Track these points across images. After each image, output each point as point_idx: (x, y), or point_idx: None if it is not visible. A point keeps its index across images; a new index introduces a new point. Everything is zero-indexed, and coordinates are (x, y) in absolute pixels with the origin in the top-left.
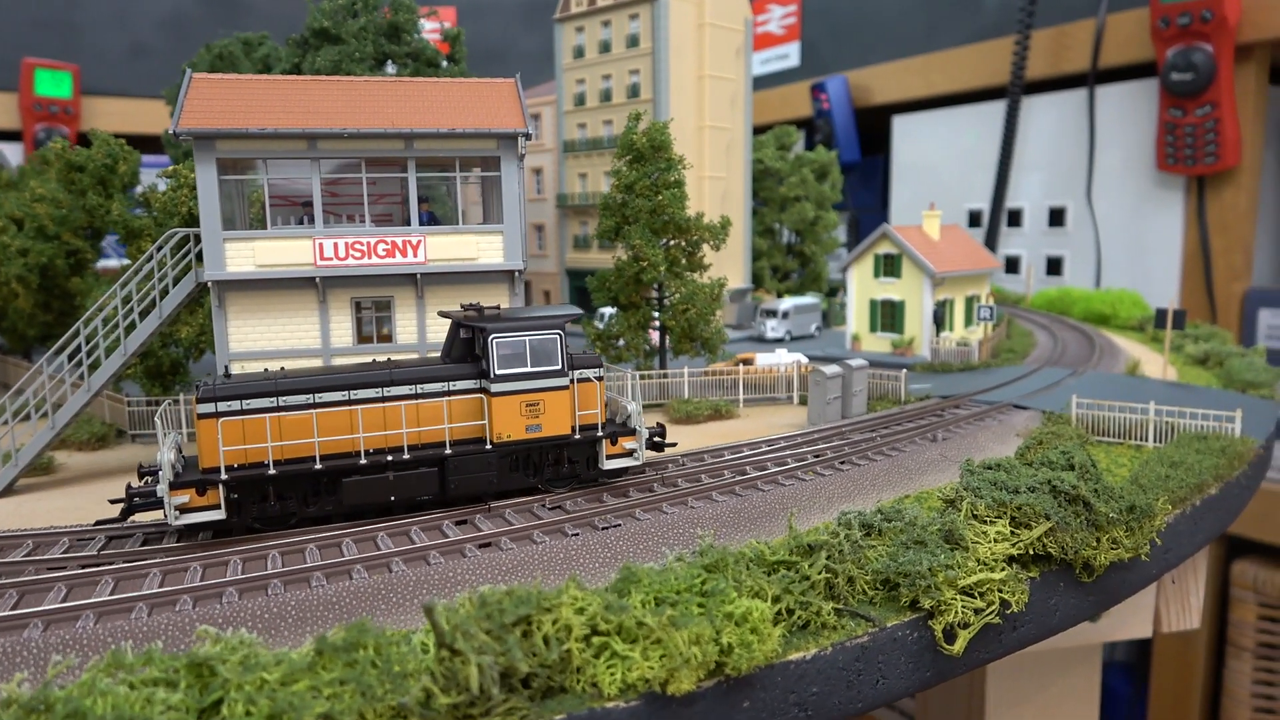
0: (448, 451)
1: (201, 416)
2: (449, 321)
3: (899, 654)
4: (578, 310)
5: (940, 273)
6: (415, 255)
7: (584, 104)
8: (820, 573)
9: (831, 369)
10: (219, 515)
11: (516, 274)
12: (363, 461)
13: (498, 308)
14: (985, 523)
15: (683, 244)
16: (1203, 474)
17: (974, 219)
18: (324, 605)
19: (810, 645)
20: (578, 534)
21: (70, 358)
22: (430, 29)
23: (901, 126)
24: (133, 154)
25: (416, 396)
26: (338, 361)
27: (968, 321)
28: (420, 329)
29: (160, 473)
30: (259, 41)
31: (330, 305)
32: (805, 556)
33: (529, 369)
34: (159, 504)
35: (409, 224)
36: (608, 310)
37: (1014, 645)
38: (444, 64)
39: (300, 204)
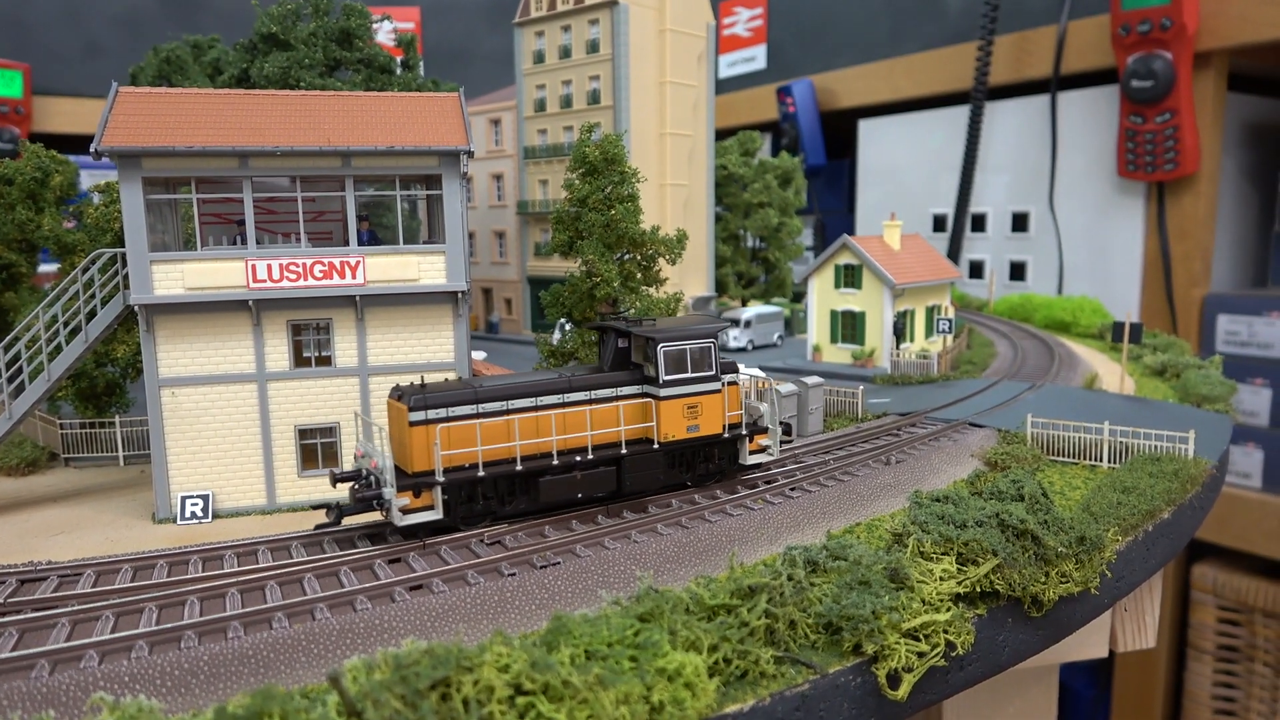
0: (623, 451)
1: (414, 424)
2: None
3: (841, 701)
4: (727, 322)
5: (900, 284)
6: (354, 277)
7: (544, 110)
8: (760, 618)
9: (787, 388)
10: (436, 515)
11: (460, 295)
12: (555, 462)
13: (654, 320)
14: (931, 560)
15: (638, 258)
16: (1155, 500)
17: (939, 223)
18: (239, 659)
19: (748, 696)
20: (514, 574)
21: None
22: (390, 29)
23: (867, 130)
24: (68, 165)
25: (591, 402)
26: (274, 385)
27: (928, 332)
28: (360, 352)
29: (383, 477)
30: (209, 45)
31: (265, 328)
32: (745, 600)
33: (689, 374)
34: (369, 507)
35: (349, 243)
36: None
37: (961, 685)
38: (398, 70)
39: (235, 222)
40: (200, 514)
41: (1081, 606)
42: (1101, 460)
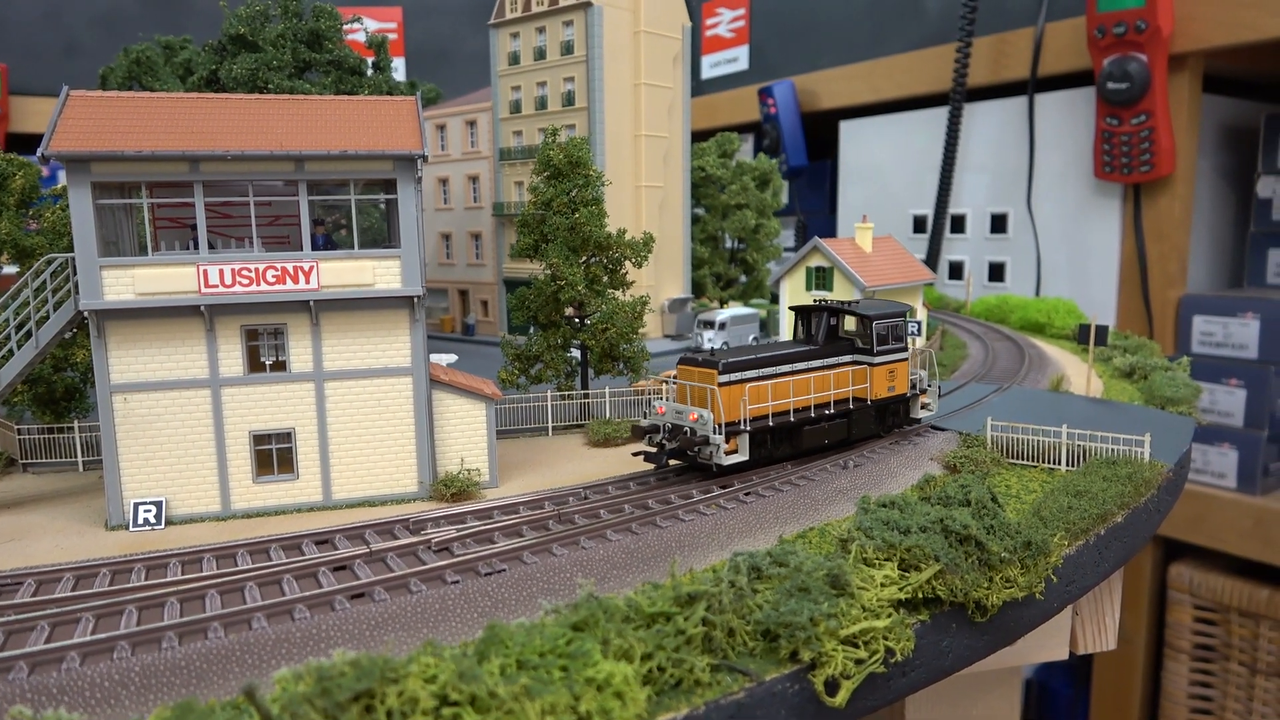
0: (850, 407)
1: (722, 384)
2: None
3: (779, 708)
4: (909, 305)
5: (871, 286)
6: (308, 281)
7: (520, 111)
8: (697, 626)
9: None
10: (744, 458)
11: (416, 300)
12: (812, 414)
13: (856, 302)
14: (874, 566)
15: (604, 261)
16: (1107, 503)
17: (919, 224)
18: (171, 670)
19: (682, 705)
20: (458, 581)
21: None
22: (362, 29)
23: (848, 131)
24: (29, 167)
25: (828, 368)
26: (228, 391)
27: None
28: (316, 357)
29: (708, 425)
30: (180, 45)
31: (218, 334)
32: (685, 607)
33: (890, 345)
34: (677, 454)
35: (303, 248)
36: None
37: (904, 691)
38: (369, 72)
39: (189, 226)
40: (153, 521)
41: (1028, 611)
42: (1060, 463)
